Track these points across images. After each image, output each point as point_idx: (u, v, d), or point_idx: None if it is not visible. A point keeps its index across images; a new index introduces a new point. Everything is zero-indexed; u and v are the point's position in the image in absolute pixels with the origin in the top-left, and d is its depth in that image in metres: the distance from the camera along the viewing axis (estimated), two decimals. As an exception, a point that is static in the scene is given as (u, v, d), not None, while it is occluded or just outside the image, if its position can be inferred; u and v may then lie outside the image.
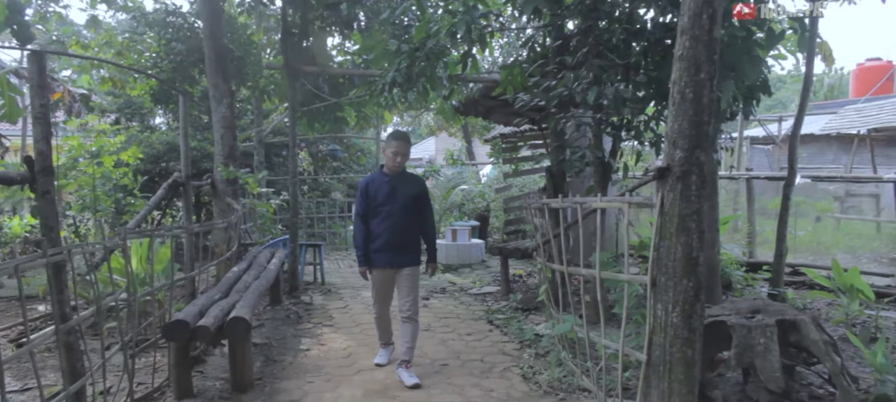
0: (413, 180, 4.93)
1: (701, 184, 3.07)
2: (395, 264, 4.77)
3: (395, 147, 4.73)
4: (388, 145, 4.83)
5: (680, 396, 3.08)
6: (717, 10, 3.02)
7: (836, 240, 10.37)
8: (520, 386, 4.58)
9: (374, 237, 4.75)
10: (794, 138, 6.24)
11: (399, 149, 4.73)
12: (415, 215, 4.80)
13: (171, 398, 4.30)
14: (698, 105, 3.03)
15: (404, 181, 4.81)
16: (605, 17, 5.39)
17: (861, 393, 4.09)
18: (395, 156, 4.71)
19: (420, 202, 4.85)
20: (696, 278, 3.07)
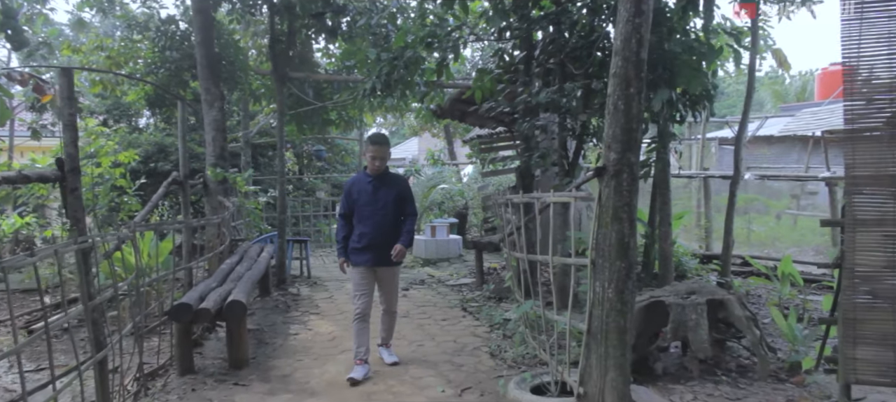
0: (395, 180, 5.08)
1: (631, 181, 3.66)
2: (378, 263, 4.87)
3: (373, 151, 4.88)
4: (367, 149, 5.00)
5: (614, 358, 3.66)
6: (644, 36, 3.61)
7: (790, 235, 11.08)
8: (487, 362, 5.15)
9: (358, 236, 4.86)
10: (738, 141, 6.89)
11: (377, 153, 4.87)
12: (396, 215, 4.94)
13: (174, 375, 4.81)
14: (629, 115, 3.62)
15: (386, 182, 4.94)
16: (568, 29, 5.99)
17: (777, 361, 4.73)
18: (374, 160, 4.85)
19: (402, 202, 4.98)
20: (627, 260, 3.65)
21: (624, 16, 3.61)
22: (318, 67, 10.06)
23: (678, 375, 4.70)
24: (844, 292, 3.37)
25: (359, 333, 4.84)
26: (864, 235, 3.29)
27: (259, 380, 4.71)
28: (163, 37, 9.36)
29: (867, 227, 3.29)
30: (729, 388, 4.39)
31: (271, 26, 8.44)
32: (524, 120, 6.08)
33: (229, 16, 8.53)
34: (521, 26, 6.23)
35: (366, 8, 8.27)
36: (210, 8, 8.32)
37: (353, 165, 16.68)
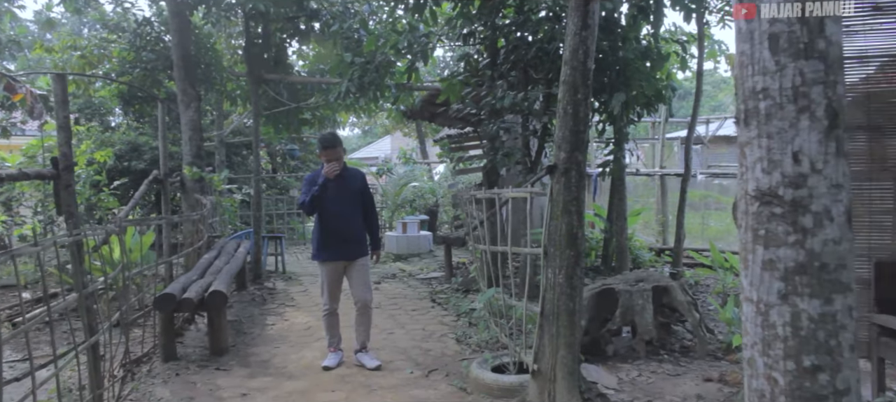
0: (354, 174, 5.12)
1: (579, 178, 4.06)
2: (346, 256, 4.93)
3: (327, 156, 4.83)
4: (323, 154, 4.89)
5: (564, 337, 4.06)
6: (589, 48, 4.01)
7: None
8: (453, 347, 5.54)
9: (324, 233, 4.89)
10: (687, 142, 7.39)
11: (330, 156, 4.82)
12: (359, 207, 5.00)
13: (158, 361, 5.10)
14: (577, 118, 4.02)
15: (346, 176, 4.96)
16: (531, 34, 6.40)
17: (715, 341, 5.20)
18: (329, 162, 4.81)
19: (363, 194, 5.05)
20: (576, 249, 4.06)
21: (572, 30, 4.02)
22: (292, 69, 10.34)
23: (627, 355, 5.13)
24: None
25: (330, 326, 5.01)
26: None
27: (239, 365, 5.03)
28: (138, 38, 9.55)
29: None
30: (671, 366, 4.84)
31: (247, 30, 8.71)
32: (489, 122, 6.48)
33: (205, 19, 8.76)
34: (486, 33, 6.63)
35: (339, 12, 8.59)
36: (186, 11, 8.56)
37: (326, 163, 16.94)
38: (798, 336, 1.14)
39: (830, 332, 1.13)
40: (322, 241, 4.93)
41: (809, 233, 1.13)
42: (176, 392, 4.41)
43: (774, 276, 1.17)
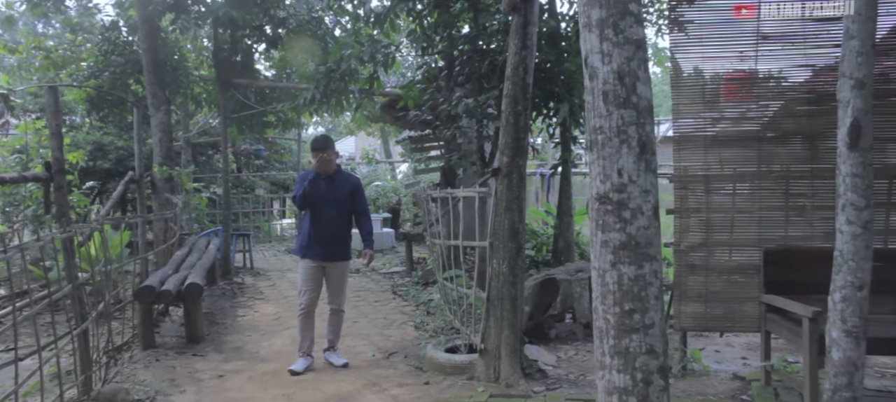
0: (346, 179, 5.15)
1: (520, 179, 4.64)
2: (328, 258, 4.97)
3: (319, 157, 4.91)
4: (313, 155, 4.99)
5: (508, 320, 4.62)
6: (528, 65, 4.58)
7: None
8: (412, 333, 6.07)
9: (310, 231, 4.94)
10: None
11: (322, 158, 4.91)
12: (347, 212, 5.05)
13: (138, 349, 5.51)
14: (517, 127, 4.60)
15: (338, 179, 5.01)
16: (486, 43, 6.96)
17: (644, 324, 5.84)
18: (322, 163, 4.90)
19: (354, 199, 5.08)
20: (517, 242, 4.63)
21: (513, 50, 4.59)
22: (259, 73, 10.72)
23: (567, 338, 5.74)
24: (676, 265, 4.46)
25: (304, 328, 4.97)
26: (684, 220, 4.39)
27: (214, 351, 5.48)
28: (107, 42, 9.82)
29: (686, 214, 4.38)
30: (604, 345, 5.46)
31: (215, 36, 9.08)
32: (446, 127, 7.03)
33: (173, 26, 9.09)
34: (442, 44, 7.17)
35: (305, 20, 9.03)
36: (155, 17, 8.88)
37: (292, 162, 17.29)
38: (621, 290, 1.70)
39: (641, 287, 1.69)
40: (307, 238, 4.96)
41: (629, 222, 1.68)
42: (157, 375, 4.85)
43: (607, 250, 1.72)
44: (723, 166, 4.39)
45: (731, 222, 4.41)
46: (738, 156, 4.38)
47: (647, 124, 1.68)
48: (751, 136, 4.34)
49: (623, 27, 1.66)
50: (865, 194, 2.42)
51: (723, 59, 4.42)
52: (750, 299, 4.31)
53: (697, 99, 4.36)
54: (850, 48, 2.38)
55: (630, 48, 1.66)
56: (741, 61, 4.31)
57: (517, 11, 4.52)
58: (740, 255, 4.40)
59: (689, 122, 4.38)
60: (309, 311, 4.99)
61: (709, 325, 4.54)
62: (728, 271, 4.41)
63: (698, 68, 4.40)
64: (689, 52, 4.38)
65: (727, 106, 4.40)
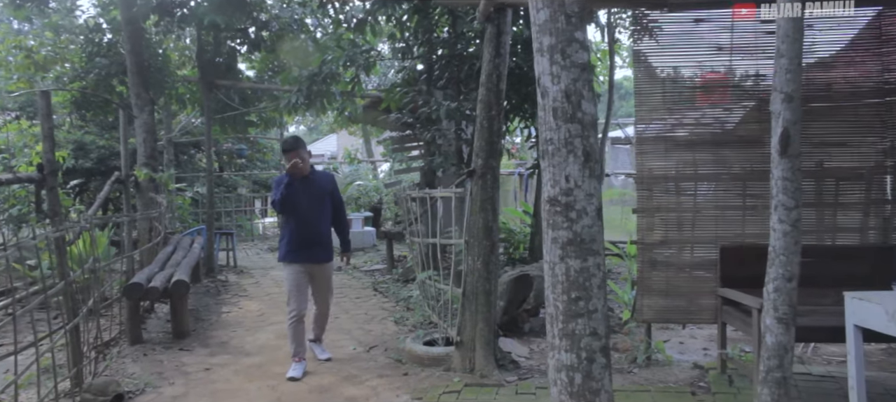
0: (323, 178, 5.13)
1: (494, 180, 4.89)
2: (312, 260, 4.94)
3: (291, 159, 4.79)
4: (285, 157, 4.91)
5: (482, 314, 4.88)
6: (502, 73, 4.84)
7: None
8: (392, 328, 6.31)
9: (292, 235, 4.89)
10: (601, 145, 8.34)
11: (292, 159, 4.79)
12: (327, 212, 5.02)
13: (125, 344, 5.69)
14: (491, 131, 4.85)
15: (315, 179, 4.97)
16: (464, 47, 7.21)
17: (614, 318, 6.14)
18: (294, 166, 4.77)
19: (332, 198, 5.07)
20: (491, 240, 4.88)
21: (487, 57, 4.84)
22: (242, 75, 10.87)
23: (540, 331, 6.01)
24: (639, 260, 4.75)
25: (296, 335, 4.88)
26: (648, 218, 4.67)
27: (201, 346, 5.67)
28: (91, 44, 9.91)
29: (650, 213, 4.67)
30: (574, 338, 5.74)
31: (199, 39, 9.23)
32: (425, 130, 7.27)
33: (158, 29, 9.22)
34: (422, 49, 7.42)
35: (287, 24, 9.21)
36: (139, 19, 9.01)
37: (274, 162, 17.42)
38: (569, 281, 1.95)
39: (586, 278, 1.94)
40: (290, 243, 4.91)
41: (575, 222, 1.93)
42: (145, 368, 5.04)
43: (556, 246, 1.97)
44: (683, 168, 4.68)
45: (692, 221, 4.70)
46: (697, 158, 4.67)
47: (591, 137, 1.94)
48: (709, 139, 4.64)
49: (570, 53, 1.91)
50: (794, 196, 2.70)
51: (684, 67, 4.71)
52: (708, 292, 4.61)
53: (659, 104, 4.65)
54: (780, 66, 2.66)
55: (576, 70, 1.91)
56: (700, 69, 4.60)
57: (491, 21, 4.78)
58: (699, 251, 4.70)
59: (651, 126, 4.66)
60: (300, 316, 4.90)
61: (670, 317, 4.84)
62: (688, 267, 4.70)
63: (660, 75, 4.69)
64: (652, 60, 4.66)
65: (687, 111, 4.69)
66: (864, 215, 4.74)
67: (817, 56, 4.54)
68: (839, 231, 4.75)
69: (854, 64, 4.45)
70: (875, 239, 4.61)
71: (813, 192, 4.73)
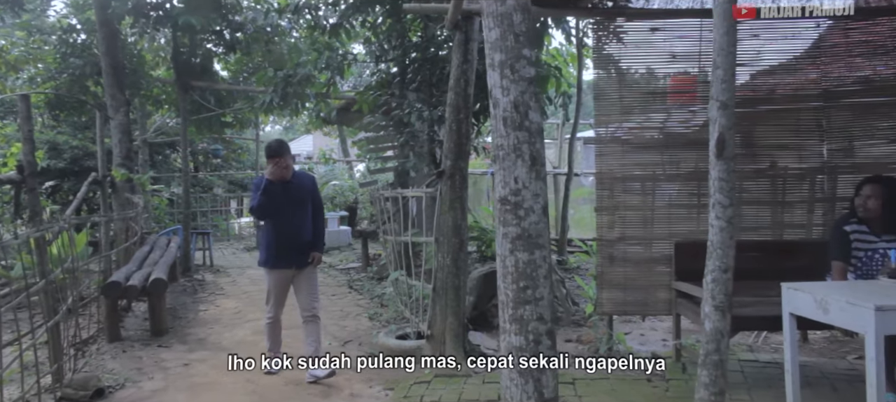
0: (304, 179, 5.01)
1: (462, 180, 5.12)
2: (295, 264, 4.79)
3: (275, 163, 4.67)
4: (269, 162, 4.76)
5: (452, 308, 5.10)
6: (470, 78, 5.07)
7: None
8: (366, 323, 6.51)
9: (274, 239, 4.74)
10: (570, 145, 8.64)
11: (277, 164, 4.67)
12: (309, 215, 4.88)
13: (104, 342, 5.81)
14: (459, 134, 5.08)
15: (296, 182, 4.82)
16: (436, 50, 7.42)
17: (579, 312, 6.42)
18: (278, 170, 4.67)
19: (313, 200, 4.95)
20: (459, 237, 5.11)
21: (455, 63, 5.07)
22: (218, 76, 10.97)
23: (509, 325, 6.25)
24: (598, 256, 5.02)
25: (272, 334, 4.92)
26: (608, 216, 4.95)
27: (179, 343, 5.82)
28: (64, 44, 9.95)
29: (610, 211, 4.95)
30: (541, 331, 6.00)
31: (174, 41, 9.32)
32: (399, 132, 7.48)
33: (133, 30, 9.29)
34: (395, 53, 7.62)
35: (261, 26, 9.35)
36: (114, 21, 9.07)
37: (249, 162, 17.47)
38: (517, 271, 2.18)
39: (533, 269, 2.18)
40: (271, 247, 4.77)
41: (523, 219, 2.16)
42: (125, 364, 5.18)
43: (507, 241, 2.20)
44: (640, 168, 4.96)
45: (650, 219, 4.99)
46: (653, 159, 4.96)
47: (537, 143, 2.17)
48: (664, 142, 4.92)
49: (518, 68, 2.14)
50: (729, 195, 2.96)
51: (640, 73, 4.99)
52: (664, 286, 4.89)
53: (617, 108, 4.92)
54: (716, 76, 2.92)
55: (523, 84, 2.14)
56: (656, 75, 4.89)
57: (459, 29, 5.00)
58: (656, 247, 4.98)
59: (610, 128, 4.94)
60: (275, 318, 4.89)
61: (628, 309, 5.12)
62: (645, 262, 4.98)
63: (619, 80, 4.96)
64: (611, 67, 4.93)
65: (644, 114, 4.97)
66: (809, 212, 5.07)
67: (765, 64, 4.86)
68: (787, 227, 5.08)
69: (796, 72, 4.77)
70: (818, 235, 4.94)
71: (769, 191, 5.05)
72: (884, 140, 4.86)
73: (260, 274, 8.00)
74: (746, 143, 5.03)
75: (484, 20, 2.22)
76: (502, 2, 2.14)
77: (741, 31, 4.80)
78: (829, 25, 4.73)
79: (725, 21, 2.93)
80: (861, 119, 4.87)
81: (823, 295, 3.34)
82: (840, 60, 4.80)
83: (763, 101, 4.90)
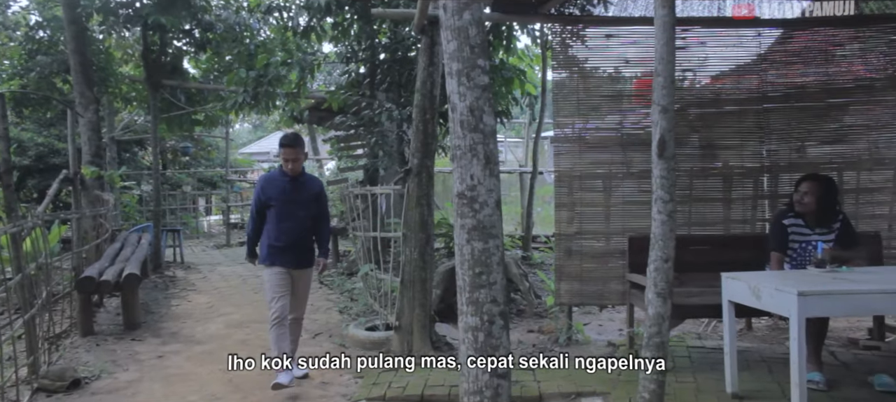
0: (311, 181, 4.85)
1: (428, 178, 5.35)
2: (296, 265, 4.67)
3: (285, 154, 4.58)
4: (280, 153, 4.67)
5: (419, 300, 5.33)
6: (436, 80, 5.30)
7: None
8: (336, 316, 6.71)
9: (277, 236, 4.58)
10: (535, 144, 8.94)
11: (289, 155, 4.56)
12: (312, 216, 4.75)
13: (77, 336, 5.91)
14: (426, 133, 5.31)
15: (303, 181, 4.70)
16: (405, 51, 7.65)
17: (542, 304, 6.71)
18: (287, 162, 4.58)
19: (318, 203, 4.81)
20: (426, 232, 5.34)
21: (422, 66, 5.30)
22: (188, 74, 11.02)
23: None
24: (556, 250, 5.31)
25: (278, 339, 4.52)
26: (567, 212, 5.24)
27: (152, 336, 5.95)
28: (31, 41, 9.91)
29: (569, 208, 5.24)
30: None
31: (144, 39, 9.37)
32: (369, 131, 7.69)
33: (102, 27, 9.32)
34: (365, 53, 7.83)
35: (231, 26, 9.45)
36: (81, 19, 9.09)
37: (219, 160, 17.46)
38: (473, 258, 2.42)
39: (487, 256, 2.42)
40: (275, 244, 4.58)
41: (478, 212, 2.41)
42: (99, 357, 5.30)
43: (464, 231, 2.44)
44: (596, 167, 5.26)
45: (607, 214, 5.28)
46: (608, 158, 5.26)
47: (491, 144, 2.42)
48: (618, 142, 5.23)
49: (473, 76, 2.38)
50: (670, 192, 3.25)
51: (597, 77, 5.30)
52: (618, 278, 5.20)
53: (573, 111, 5.21)
54: (657, 83, 3.21)
55: (478, 91, 2.39)
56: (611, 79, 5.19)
57: (425, 33, 5.24)
58: (612, 241, 5.29)
59: (567, 129, 5.23)
60: (282, 318, 4.54)
61: (585, 300, 5.43)
62: (601, 255, 5.28)
63: (576, 84, 5.25)
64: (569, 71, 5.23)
65: (599, 116, 5.27)
66: (753, 208, 5.43)
67: (711, 70, 5.20)
68: (733, 222, 5.43)
69: (739, 77, 5.12)
70: (760, 229, 5.30)
71: (718, 188, 5.40)
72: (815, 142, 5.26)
73: (231, 271, 8.20)
74: (698, 144, 5.38)
75: (443, 33, 2.46)
76: (459, 16, 2.38)
77: (689, 40, 5.15)
78: (769, 35, 5.08)
79: (665, 32, 3.21)
80: (797, 122, 5.25)
81: (756, 283, 3.67)
82: (779, 68, 5.16)
83: (710, 104, 5.24)
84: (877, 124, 5.19)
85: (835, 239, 4.25)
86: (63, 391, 4.46)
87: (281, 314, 4.52)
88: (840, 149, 5.29)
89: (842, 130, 5.29)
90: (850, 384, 4.02)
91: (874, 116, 5.19)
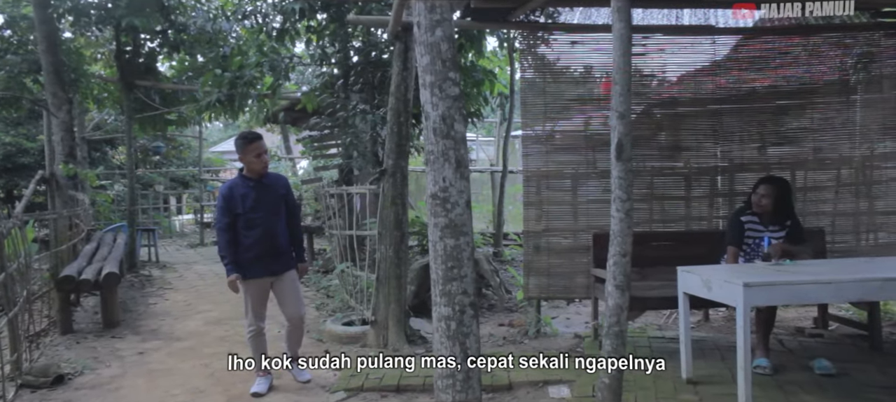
0: (276, 180, 4.57)
1: (402, 178, 5.56)
2: (273, 272, 4.45)
3: (255, 149, 4.32)
4: (246, 150, 4.32)
5: (394, 296, 5.54)
6: (409, 84, 5.52)
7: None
8: (313, 313, 6.88)
9: (247, 247, 4.31)
10: (505, 143, 9.21)
11: (259, 149, 4.33)
12: (283, 217, 4.51)
13: (57, 334, 5.99)
14: (400, 135, 5.52)
15: (269, 183, 4.44)
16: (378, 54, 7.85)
17: (512, 299, 6.98)
18: (259, 157, 4.33)
19: (287, 202, 4.57)
20: (401, 230, 5.56)
21: (396, 70, 5.51)
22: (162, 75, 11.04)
23: (448, 312, 6.75)
24: (525, 246, 5.57)
25: (256, 348, 4.49)
26: (535, 210, 5.50)
27: (132, 334, 6.06)
28: (1, 40, 9.85)
29: (537, 206, 5.51)
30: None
31: (117, 40, 9.40)
32: (344, 132, 7.87)
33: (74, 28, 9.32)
34: (339, 55, 8.01)
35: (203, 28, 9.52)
36: (53, 19, 9.08)
37: (191, 158, 17.42)
38: (446, 254, 2.66)
39: (458, 252, 2.65)
40: (246, 256, 4.32)
41: (450, 211, 2.64)
42: (80, 354, 5.41)
43: (437, 229, 2.67)
44: (562, 167, 5.54)
45: (573, 212, 5.56)
46: (574, 159, 5.54)
47: (462, 149, 2.65)
48: (583, 143, 5.52)
49: (445, 88, 2.61)
50: (627, 191, 3.52)
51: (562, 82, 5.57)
52: (583, 272, 5.48)
53: (540, 114, 5.48)
54: (615, 91, 3.48)
55: (449, 100, 2.62)
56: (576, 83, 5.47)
57: (399, 39, 5.45)
58: (577, 238, 5.56)
59: (534, 131, 5.49)
60: (259, 330, 4.51)
61: (552, 294, 5.70)
62: (567, 251, 5.56)
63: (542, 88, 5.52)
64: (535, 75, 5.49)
65: (565, 119, 5.54)
66: (710, 206, 5.76)
67: (669, 75, 5.51)
68: (693, 220, 5.75)
69: (695, 82, 5.44)
70: (717, 225, 5.63)
71: (679, 187, 5.71)
72: (767, 143, 5.61)
73: (207, 269, 8.31)
74: (659, 144, 5.69)
75: (416, 48, 2.68)
76: (432, 33, 2.61)
77: (649, 46, 5.45)
78: (723, 42, 5.41)
79: (622, 44, 3.48)
80: (749, 125, 5.59)
81: (708, 276, 3.97)
82: (733, 72, 5.50)
83: (670, 106, 5.55)
84: (820, 127, 5.57)
85: (785, 236, 4.58)
86: (47, 386, 4.58)
87: (257, 329, 4.50)
88: (789, 150, 5.65)
89: (790, 132, 5.65)
90: (794, 369, 4.35)
91: (817, 118, 5.56)
